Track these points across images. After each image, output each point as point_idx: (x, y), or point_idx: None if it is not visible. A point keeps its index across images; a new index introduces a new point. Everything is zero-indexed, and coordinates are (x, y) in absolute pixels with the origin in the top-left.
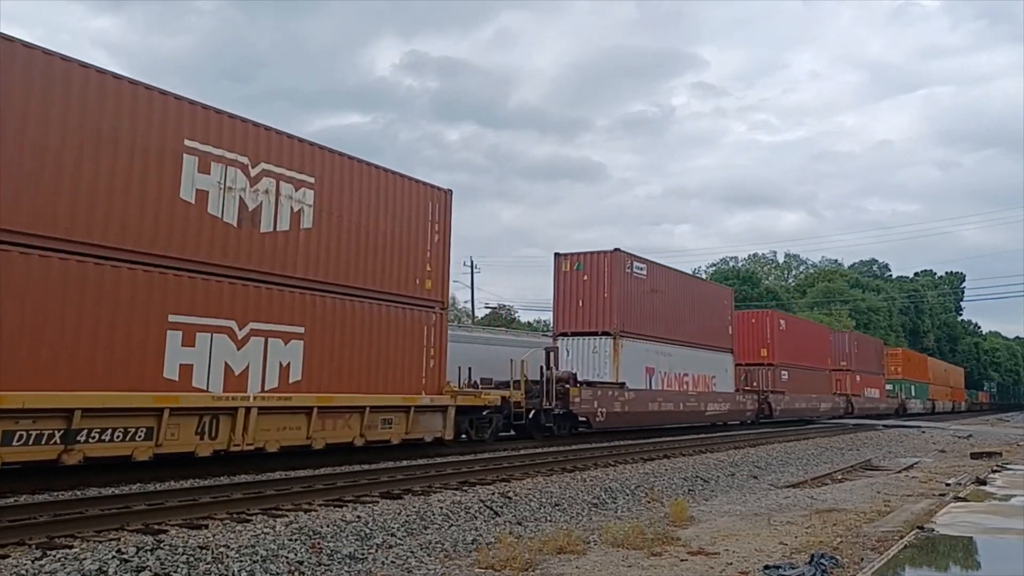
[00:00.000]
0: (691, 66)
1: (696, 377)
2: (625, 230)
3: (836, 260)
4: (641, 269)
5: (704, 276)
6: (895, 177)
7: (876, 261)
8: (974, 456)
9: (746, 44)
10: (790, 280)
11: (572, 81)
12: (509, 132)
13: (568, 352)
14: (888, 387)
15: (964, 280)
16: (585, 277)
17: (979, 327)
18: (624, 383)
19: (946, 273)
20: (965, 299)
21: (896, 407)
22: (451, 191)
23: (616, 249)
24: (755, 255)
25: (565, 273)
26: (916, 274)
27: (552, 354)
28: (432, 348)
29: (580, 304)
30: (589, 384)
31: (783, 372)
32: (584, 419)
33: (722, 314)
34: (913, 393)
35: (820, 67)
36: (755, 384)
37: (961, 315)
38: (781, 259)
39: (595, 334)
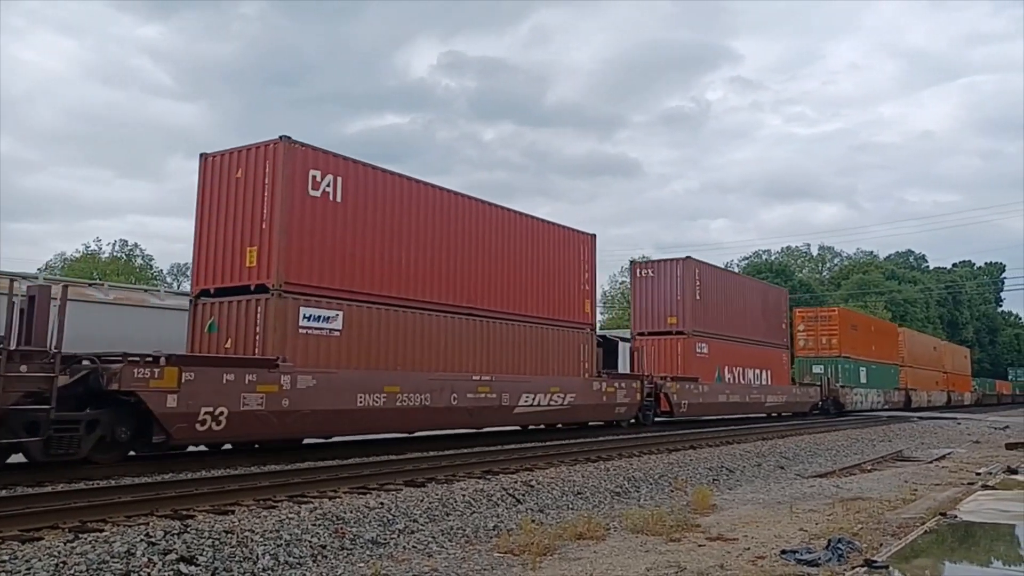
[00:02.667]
0: (728, 60)
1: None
2: (663, 225)
3: (872, 252)
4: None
5: (736, 270)
6: (936, 167)
7: (912, 252)
8: (1009, 447)
9: (784, 36)
10: (824, 272)
11: (609, 77)
12: (547, 130)
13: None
14: (817, 368)
15: (1004, 270)
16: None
17: (1020, 318)
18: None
19: (985, 263)
20: (1006, 289)
21: (813, 402)
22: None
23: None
24: (788, 248)
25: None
26: (954, 265)
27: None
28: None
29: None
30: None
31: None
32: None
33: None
34: (864, 379)
35: (858, 57)
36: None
37: (1001, 306)
38: (815, 252)
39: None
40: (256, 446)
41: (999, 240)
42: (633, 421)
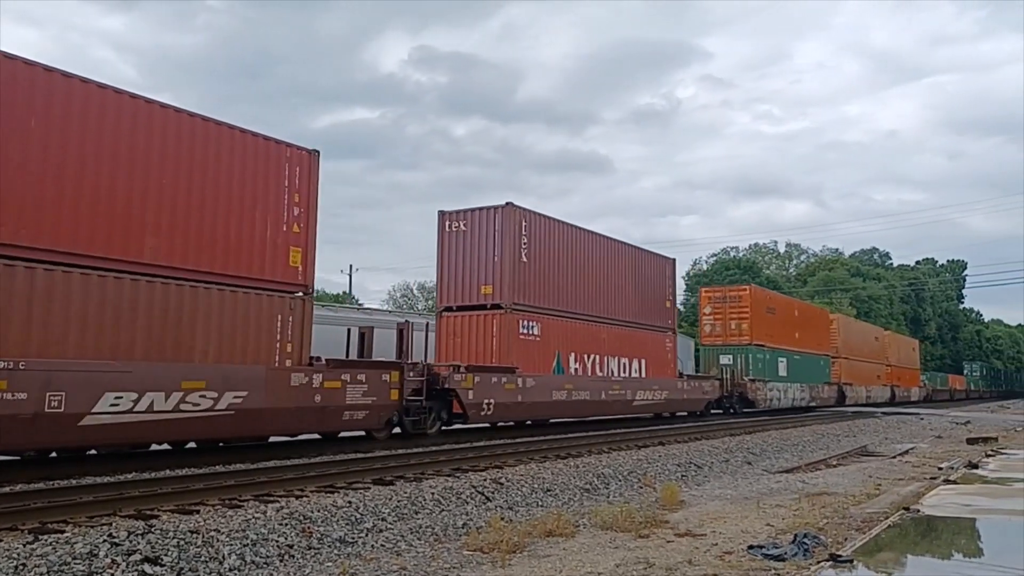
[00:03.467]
0: (698, 58)
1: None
2: (634, 221)
3: (837, 249)
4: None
5: (705, 266)
6: (902, 166)
7: (877, 250)
8: (970, 442)
9: (753, 35)
10: (791, 269)
11: (579, 74)
12: (518, 126)
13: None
14: (725, 358)
15: (966, 268)
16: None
17: (981, 315)
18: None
19: (948, 261)
20: (967, 287)
21: (708, 399)
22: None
23: (508, 203)
24: (756, 245)
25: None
26: (917, 262)
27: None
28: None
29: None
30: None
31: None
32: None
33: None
34: (783, 372)
35: (825, 57)
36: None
37: (963, 303)
38: (782, 249)
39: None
40: (220, 444)
41: (961, 238)
42: (392, 432)
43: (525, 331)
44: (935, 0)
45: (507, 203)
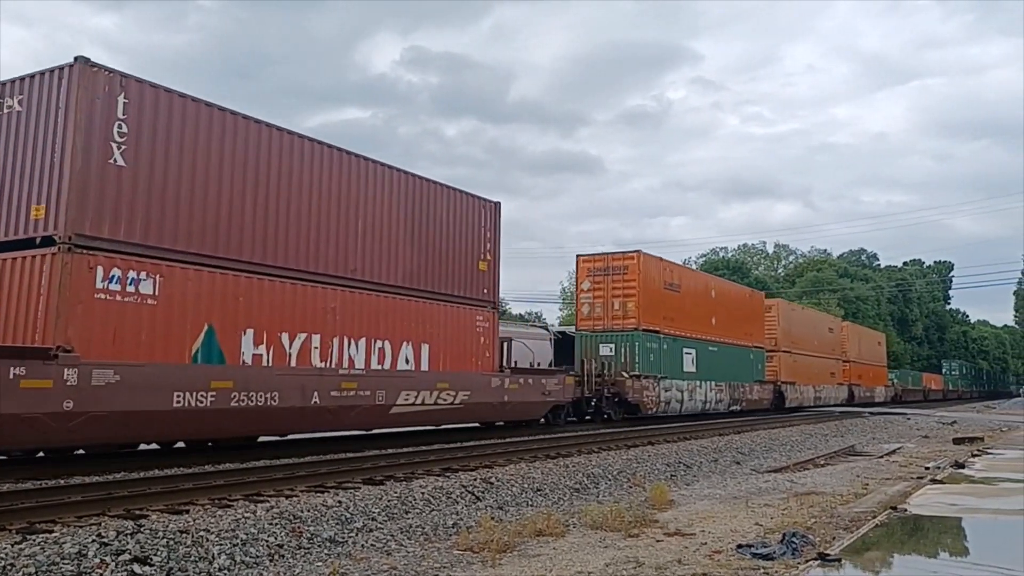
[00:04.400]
0: (689, 60)
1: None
2: (624, 222)
3: (825, 250)
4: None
5: (694, 266)
6: (890, 168)
7: (865, 251)
8: (956, 441)
9: (743, 37)
10: (780, 270)
11: (571, 75)
12: (510, 126)
13: None
14: (607, 348)
15: (952, 269)
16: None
17: (967, 316)
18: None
19: (935, 262)
20: (953, 288)
21: (549, 401)
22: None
23: (84, 60)
24: (745, 246)
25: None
26: (905, 263)
27: None
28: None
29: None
30: None
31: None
32: None
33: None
34: (691, 366)
35: (815, 59)
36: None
37: (949, 304)
38: (771, 250)
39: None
40: (210, 444)
41: (948, 239)
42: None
43: (114, 287)
44: (923, 3)
45: (81, 58)
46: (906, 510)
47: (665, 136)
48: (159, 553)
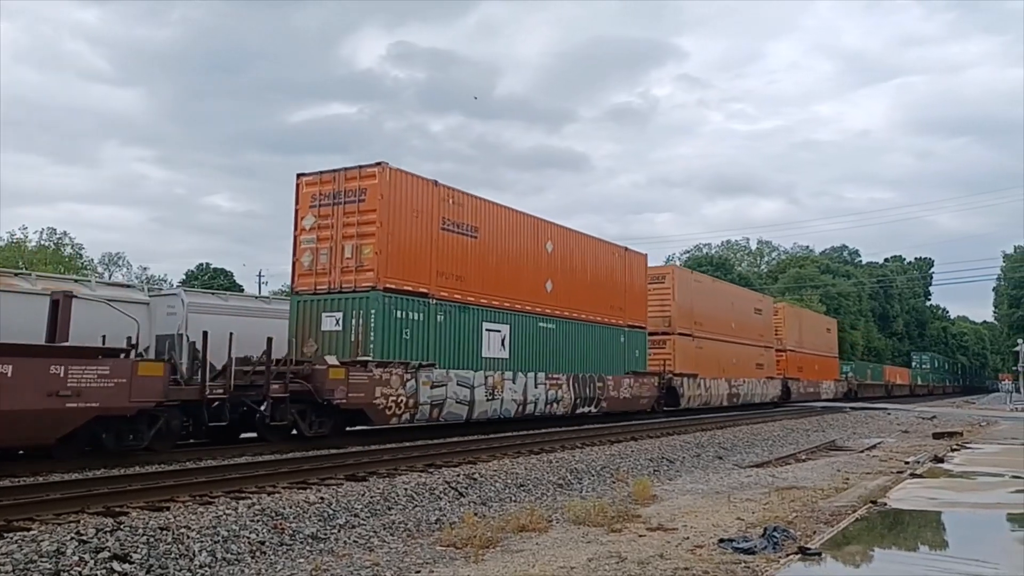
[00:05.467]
0: (674, 57)
1: None
2: (609, 218)
3: (807, 247)
4: None
5: (678, 263)
6: (872, 165)
7: (847, 247)
8: (936, 436)
9: (727, 34)
10: (762, 266)
11: (556, 72)
12: (496, 122)
13: None
14: (331, 319)
15: (932, 265)
16: None
17: (947, 312)
18: None
19: (915, 259)
20: (933, 284)
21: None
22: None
23: None
24: (728, 242)
25: None
26: (886, 260)
27: None
28: None
29: None
30: None
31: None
32: None
33: None
34: (500, 350)
35: (798, 57)
36: None
37: (930, 300)
38: (754, 246)
39: None
40: (192, 440)
41: (928, 236)
42: None
43: None
44: (904, 2)
45: None
46: (886, 504)
47: (651, 133)
48: (139, 550)
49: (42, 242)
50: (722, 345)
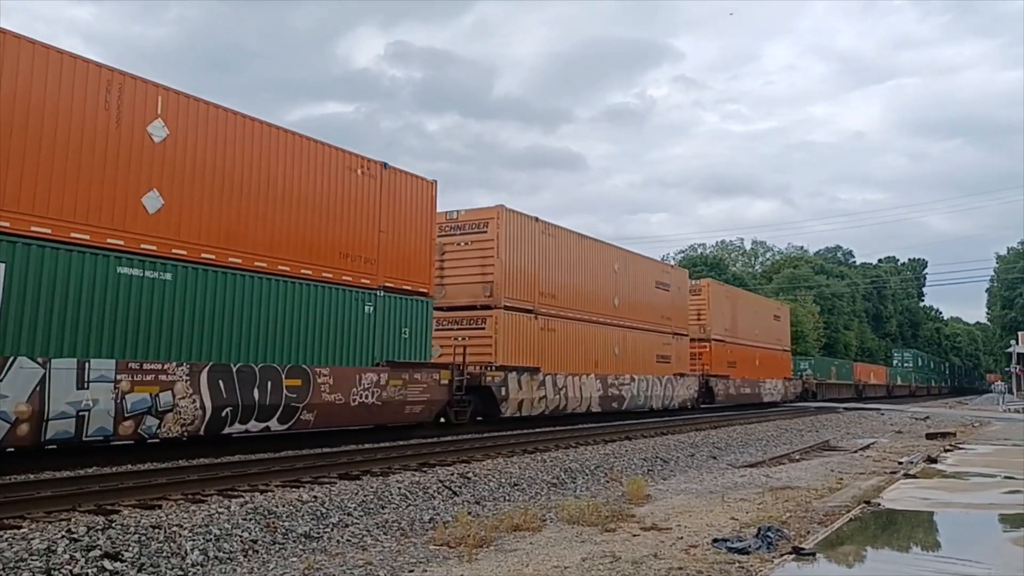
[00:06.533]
0: (670, 58)
1: None
2: (604, 218)
3: (802, 247)
4: None
5: (673, 263)
6: (866, 166)
7: (840, 248)
8: (929, 437)
9: (722, 36)
10: (757, 267)
11: (553, 72)
12: (492, 122)
13: None
14: None
15: (926, 266)
16: None
17: (940, 312)
18: None
19: (909, 259)
20: (927, 285)
21: None
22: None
23: None
24: (723, 242)
25: None
26: (879, 260)
27: None
28: None
29: None
30: None
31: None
32: None
33: None
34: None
35: (793, 58)
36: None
37: (923, 301)
38: (748, 246)
39: None
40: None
41: (922, 237)
42: None
43: None
44: (899, 4)
45: None
46: (880, 504)
47: (646, 133)
48: (130, 549)
49: None
50: (596, 329)
